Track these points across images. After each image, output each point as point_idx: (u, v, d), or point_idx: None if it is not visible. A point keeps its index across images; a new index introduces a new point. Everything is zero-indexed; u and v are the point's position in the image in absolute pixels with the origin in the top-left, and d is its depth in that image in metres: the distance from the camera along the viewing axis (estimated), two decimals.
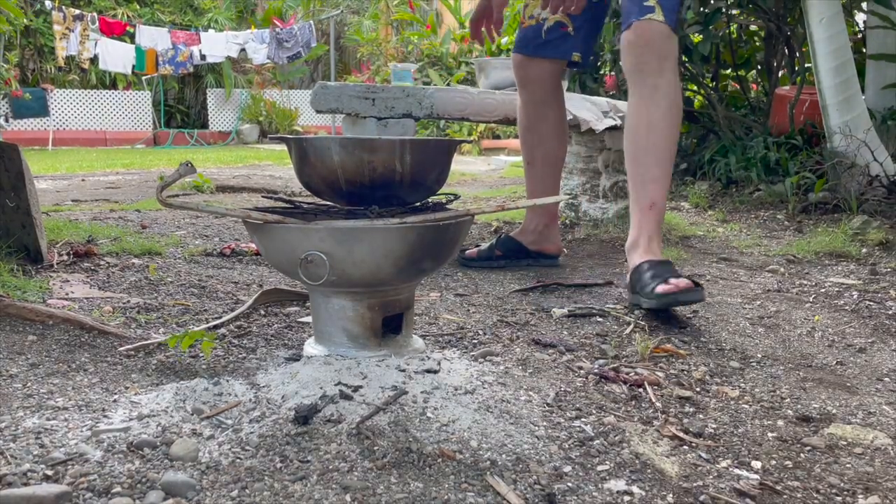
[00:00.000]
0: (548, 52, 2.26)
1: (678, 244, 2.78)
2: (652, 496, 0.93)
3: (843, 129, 3.44)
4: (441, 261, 1.33)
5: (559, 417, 1.12)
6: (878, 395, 1.32)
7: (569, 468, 0.98)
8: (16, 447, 0.96)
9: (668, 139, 1.82)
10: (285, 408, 1.08)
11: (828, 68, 3.55)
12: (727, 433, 1.13)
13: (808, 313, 1.82)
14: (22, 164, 1.90)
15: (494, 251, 2.35)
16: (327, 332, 1.31)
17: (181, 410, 1.08)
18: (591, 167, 3.24)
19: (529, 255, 2.36)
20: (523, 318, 1.69)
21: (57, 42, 11.24)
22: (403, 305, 1.34)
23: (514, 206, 1.44)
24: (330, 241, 1.21)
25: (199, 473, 0.91)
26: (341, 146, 1.27)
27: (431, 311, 1.74)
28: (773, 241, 2.88)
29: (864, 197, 3.20)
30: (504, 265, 2.34)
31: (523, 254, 2.36)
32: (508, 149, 9.98)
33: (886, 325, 1.72)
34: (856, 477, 1.02)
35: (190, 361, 1.34)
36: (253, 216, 1.26)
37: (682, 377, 1.35)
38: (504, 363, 1.33)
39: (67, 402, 1.12)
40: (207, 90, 14.17)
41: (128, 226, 2.82)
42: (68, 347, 1.38)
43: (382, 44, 13.16)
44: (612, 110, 2.92)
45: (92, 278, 1.92)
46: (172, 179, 1.20)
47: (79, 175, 6.39)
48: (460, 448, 0.99)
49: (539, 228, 2.36)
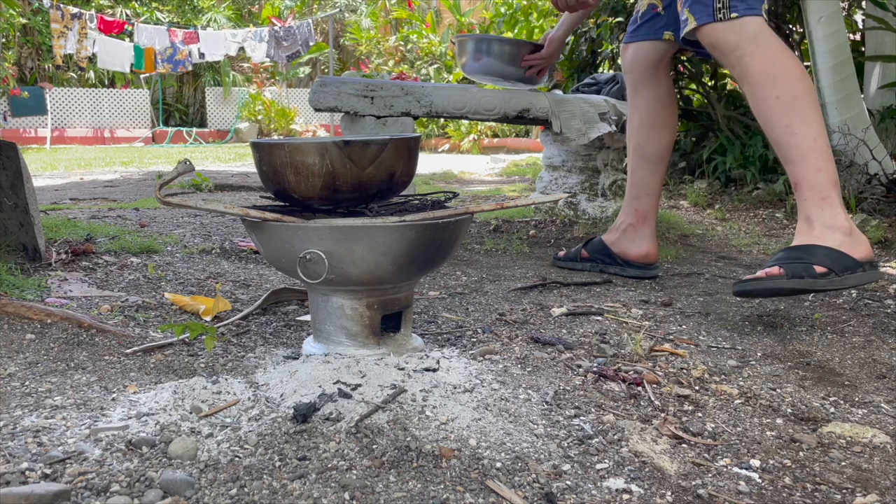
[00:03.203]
0: (640, 34, 2.14)
1: (677, 243, 2.78)
2: (651, 494, 0.93)
3: (842, 127, 3.45)
4: (440, 259, 1.33)
5: (558, 416, 1.12)
6: (876, 393, 1.32)
7: (568, 466, 0.98)
8: (14, 445, 0.96)
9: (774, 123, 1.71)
10: (284, 406, 1.08)
11: (826, 67, 3.55)
12: (726, 431, 1.13)
13: (806, 312, 1.82)
14: (20, 163, 1.90)
15: (581, 252, 2.23)
16: (326, 330, 1.31)
17: (180, 409, 1.07)
18: (590, 165, 3.24)
19: (616, 260, 2.19)
20: (522, 316, 1.69)
21: (55, 41, 11.22)
22: (402, 304, 1.34)
23: (513, 204, 1.44)
24: (328, 239, 1.20)
25: (198, 472, 0.91)
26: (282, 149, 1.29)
27: (430, 310, 1.74)
28: (771, 239, 2.88)
29: (863, 195, 3.20)
30: (590, 269, 2.22)
31: (609, 258, 2.20)
32: (508, 147, 9.98)
33: (885, 324, 1.72)
34: (854, 475, 1.02)
35: (188, 360, 1.34)
36: (251, 214, 1.26)
37: (682, 376, 1.35)
38: (503, 362, 1.33)
39: (66, 401, 1.12)
40: (206, 89, 14.16)
41: (126, 224, 2.82)
42: (67, 346, 1.38)
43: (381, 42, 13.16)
44: (610, 111, 2.91)
45: (90, 277, 1.91)
46: (171, 178, 1.20)
47: (77, 173, 6.38)
48: (459, 446, 0.99)
49: (622, 227, 2.19)
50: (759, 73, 1.70)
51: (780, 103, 1.68)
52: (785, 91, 1.68)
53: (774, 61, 1.70)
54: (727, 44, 1.74)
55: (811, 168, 1.65)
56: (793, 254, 1.63)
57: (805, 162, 1.66)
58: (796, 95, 1.68)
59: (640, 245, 2.15)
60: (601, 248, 2.21)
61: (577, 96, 2.95)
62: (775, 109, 1.69)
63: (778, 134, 1.69)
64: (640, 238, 2.16)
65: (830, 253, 1.59)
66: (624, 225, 2.17)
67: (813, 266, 1.59)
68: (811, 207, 1.65)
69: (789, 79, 1.69)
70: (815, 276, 1.57)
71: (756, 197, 3.65)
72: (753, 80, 1.71)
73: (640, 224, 2.17)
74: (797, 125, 1.67)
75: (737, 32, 1.72)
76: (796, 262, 1.59)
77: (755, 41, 1.71)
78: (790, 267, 1.59)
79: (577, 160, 3.28)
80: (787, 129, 1.67)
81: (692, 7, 1.77)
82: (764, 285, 1.61)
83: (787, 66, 1.70)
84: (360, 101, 2.61)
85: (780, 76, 1.69)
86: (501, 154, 9.29)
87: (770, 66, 1.70)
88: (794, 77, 1.69)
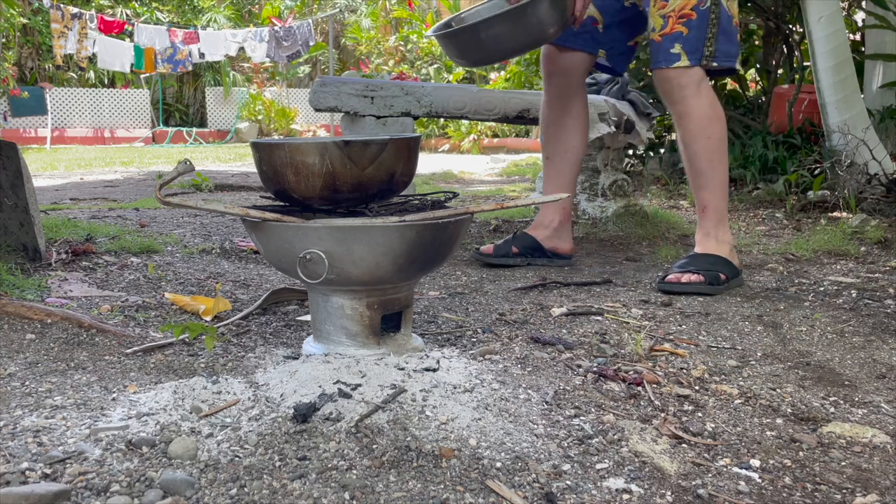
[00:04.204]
0: (577, 43, 2.28)
1: (677, 243, 2.78)
2: (651, 494, 0.93)
3: (842, 127, 3.45)
4: (440, 259, 1.33)
5: (558, 416, 1.12)
6: (876, 393, 1.32)
7: (568, 466, 0.98)
8: (14, 445, 0.96)
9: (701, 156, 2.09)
10: (284, 406, 1.08)
11: (826, 66, 3.55)
12: (726, 431, 1.13)
13: (806, 312, 1.82)
14: (20, 163, 1.90)
15: (511, 248, 2.33)
16: (326, 330, 1.31)
17: (180, 409, 1.07)
18: (590, 165, 3.24)
19: (545, 253, 2.35)
20: (522, 316, 1.69)
21: (55, 41, 11.21)
22: (402, 304, 1.34)
23: (513, 204, 1.44)
24: (329, 239, 1.20)
25: (198, 472, 0.91)
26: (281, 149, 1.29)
27: (430, 310, 1.74)
28: (771, 239, 2.88)
29: (863, 195, 3.20)
30: (520, 263, 2.32)
31: (540, 252, 2.34)
32: (508, 147, 9.98)
33: (885, 324, 1.72)
34: (854, 475, 1.02)
35: (189, 360, 1.34)
36: (251, 214, 1.26)
37: (682, 376, 1.35)
38: (503, 361, 1.33)
39: (66, 401, 1.12)
40: (206, 89, 14.16)
41: (126, 224, 2.82)
42: (67, 346, 1.38)
43: (381, 42, 13.16)
44: (609, 111, 2.91)
45: (90, 277, 1.92)
46: (171, 178, 1.20)
47: (77, 173, 6.39)
48: (459, 446, 0.99)
49: (553, 224, 2.36)
50: (700, 114, 2.06)
51: (710, 142, 2.08)
52: (715, 133, 2.08)
53: (712, 107, 2.08)
54: (681, 84, 2.05)
55: (719, 197, 2.10)
56: (703, 263, 2.03)
57: (716, 192, 2.10)
58: (722, 139, 2.10)
59: (568, 241, 2.39)
60: (534, 244, 2.35)
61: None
62: (706, 146, 2.08)
63: (702, 165, 2.09)
64: (566, 234, 2.39)
65: (728, 263, 2.05)
66: (555, 223, 2.37)
67: (719, 274, 2.00)
68: (712, 226, 2.10)
69: (720, 124, 2.09)
70: (720, 283, 2.00)
71: (756, 197, 3.65)
72: (694, 118, 2.07)
73: (566, 220, 2.39)
74: (717, 162, 2.09)
75: (691, 77, 2.05)
76: (709, 271, 2.00)
77: (700, 85, 2.06)
78: (707, 275, 1.99)
79: None
80: (710, 163, 2.09)
81: (690, 49, 2.03)
82: (686, 288, 1.96)
83: (720, 114, 2.10)
84: (360, 101, 2.61)
85: (714, 120, 2.08)
86: (501, 154, 9.29)
87: (708, 110, 2.07)
88: (722, 124, 2.10)
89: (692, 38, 2.02)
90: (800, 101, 4.13)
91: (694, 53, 2.02)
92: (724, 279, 2.00)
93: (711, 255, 2.05)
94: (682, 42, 2.03)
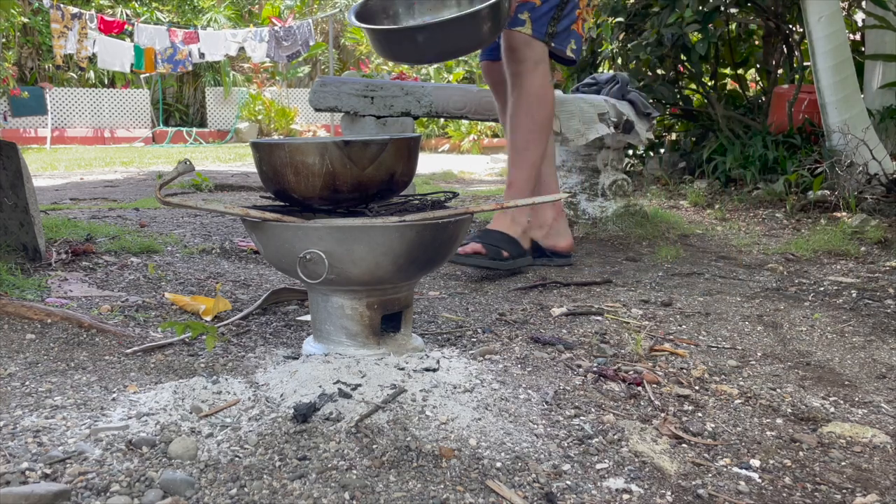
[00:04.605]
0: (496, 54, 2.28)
1: (677, 242, 2.78)
2: (651, 494, 0.93)
3: (842, 127, 3.45)
4: (440, 259, 1.33)
5: (558, 416, 1.12)
6: (876, 393, 1.32)
7: (568, 466, 0.98)
8: (14, 445, 0.96)
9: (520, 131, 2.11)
10: (284, 406, 1.08)
11: (826, 67, 3.55)
12: (726, 431, 1.13)
13: (806, 312, 1.82)
14: (20, 163, 1.90)
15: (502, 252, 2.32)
16: (326, 330, 1.31)
17: (180, 409, 1.07)
18: (589, 165, 3.24)
19: (544, 253, 2.34)
20: (522, 316, 1.69)
21: (55, 41, 11.21)
22: (402, 304, 1.34)
23: (513, 204, 1.44)
24: (328, 239, 1.20)
25: (198, 472, 0.91)
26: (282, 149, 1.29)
27: (430, 310, 1.74)
28: (771, 239, 2.88)
29: (863, 195, 3.20)
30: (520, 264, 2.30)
31: (539, 252, 2.33)
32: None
33: (885, 324, 1.72)
34: (854, 475, 1.02)
35: (189, 360, 1.34)
36: (251, 214, 1.26)
37: (682, 376, 1.35)
38: (503, 361, 1.33)
39: (66, 401, 1.12)
40: (206, 89, 14.16)
41: (126, 224, 2.82)
42: (67, 346, 1.38)
43: None
44: (609, 111, 2.91)
45: (90, 277, 1.92)
46: (171, 178, 1.20)
47: (77, 173, 6.39)
48: (459, 446, 0.99)
49: (549, 222, 2.35)
50: (530, 91, 2.08)
51: (532, 122, 2.10)
52: (539, 116, 2.10)
53: (542, 87, 2.10)
54: (524, 56, 2.07)
55: (525, 178, 2.12)
56: (491, 238, 2.09)
57: (525, 172, 2.12)
58: (543, 125, 2.11)
59: (566, 237, 2.36)
60: (531, 243, 2.32)
61: (576, 96, 2.95)
62: (527, 125, 2.10)
63: (518, 141, 2.12)
64: (564, 230, 2.37)
65: (514, 242, 2.12)
66: (549, 220, 2.36)
67: (502, 251, 2.06)
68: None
69: (545, 109, 2.11)
70: (502, 259, 2.06)
71: (756, 197, 3.65)
72: (524, 90, 2.08)
73: (560, 217, 2.37)
74: (534, 144, 2.11)
75: (533, 50, 2.07)
76: (494, 246, 2.06)
77: (538, 64, 2.09)
78: (491, 249, 2.05)
79: (577, 160, 3.28)
80: (527, 143, 2.11)
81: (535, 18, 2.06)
82: (467, 260, 2.03)
83: (549, 98, 2.11)
84: (360, 101, 2.61)
85: (542, 100, 2.10)
86: (501, 154, 9.28)
87: (539, 90, 2.09)
88: (548, 110, 2.12)
89: (541, 11, 2.08)
90: (800, 101, 4.13)
91: (538, 24, 2.07)
92: (506, 256, 2.07)
93: (501, 232, 2.11)
94: (531, 11, 2.07)
